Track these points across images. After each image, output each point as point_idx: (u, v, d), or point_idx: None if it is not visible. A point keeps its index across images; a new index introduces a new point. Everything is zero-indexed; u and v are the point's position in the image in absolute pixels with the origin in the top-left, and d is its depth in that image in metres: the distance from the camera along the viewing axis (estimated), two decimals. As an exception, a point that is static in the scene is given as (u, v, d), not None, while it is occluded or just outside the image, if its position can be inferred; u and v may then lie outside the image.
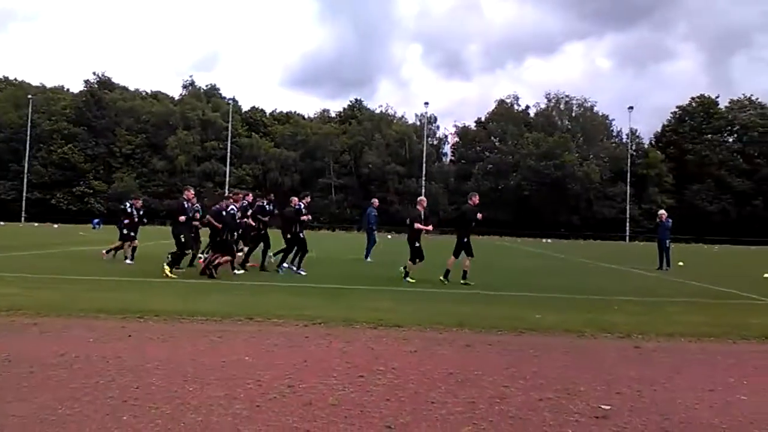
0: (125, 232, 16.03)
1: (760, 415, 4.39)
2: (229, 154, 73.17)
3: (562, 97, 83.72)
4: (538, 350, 6.42)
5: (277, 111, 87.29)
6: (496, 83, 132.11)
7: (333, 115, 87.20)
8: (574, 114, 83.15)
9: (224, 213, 12.91)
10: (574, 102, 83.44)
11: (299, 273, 13.83)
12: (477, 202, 13.43)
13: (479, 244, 18.99)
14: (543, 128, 78.42)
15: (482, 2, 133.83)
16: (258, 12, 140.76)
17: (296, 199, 14.89)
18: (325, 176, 77.77)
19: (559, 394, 4.73)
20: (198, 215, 14.29)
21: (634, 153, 74.44)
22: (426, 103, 78.97)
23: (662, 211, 20.88)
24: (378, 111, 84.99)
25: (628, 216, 67.30)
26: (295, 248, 14.28)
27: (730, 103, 78.67)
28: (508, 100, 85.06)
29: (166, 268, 12.43)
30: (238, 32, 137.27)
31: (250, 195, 15.73)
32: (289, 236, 14.19)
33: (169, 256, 12.78)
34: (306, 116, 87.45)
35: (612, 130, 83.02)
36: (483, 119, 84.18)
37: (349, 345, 6.41)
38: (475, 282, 12.79)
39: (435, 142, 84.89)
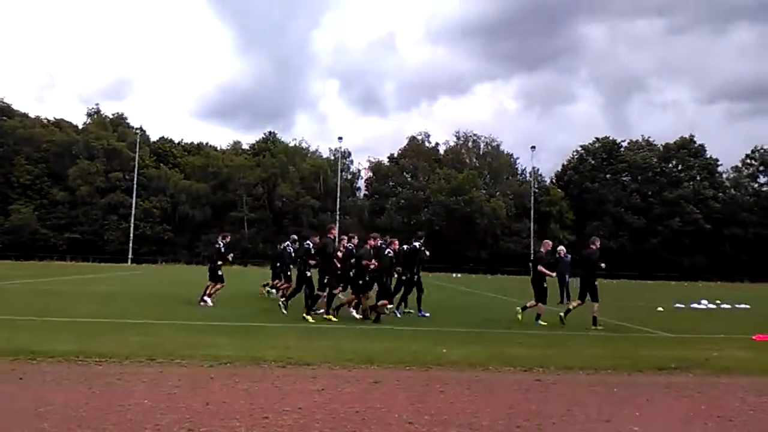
0: (220, 273, 15.43)
1: (649, 443, 4.64)
2: (135, 185, 70.44)
3: (471, 136, 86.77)
4: (444, 385, 6.51)
5: (188, 142, 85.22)
6: (411, 121, 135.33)
7: (246, 147, 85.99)
8: (481, 152, 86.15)
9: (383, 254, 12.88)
10: (481, 140, 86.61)
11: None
12: (599, 246, 13.37)
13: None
14: (452, 165, 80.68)
15: (398, 42, 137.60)
16: (172, 41, 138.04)
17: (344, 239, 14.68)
18: (237, 210, 76.24)
19: (462, 429, 4.82)
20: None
21: (537, 190, 77.75)
22: (340, 138, 79.52)
23: (561, 247, 21.85)
24: (292, 144, 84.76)
25: (532, 251, 69.84)
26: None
27: (629, 143, 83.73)
28: (420, 137, 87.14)
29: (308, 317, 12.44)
30: (150, 61, 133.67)
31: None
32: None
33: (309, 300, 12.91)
34: (218, 148, 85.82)
35: (517, 168, 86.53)
36: (396, 155, 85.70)
37: (256, 385, 6.27)
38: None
39: (349, 177, 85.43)
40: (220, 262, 15.56)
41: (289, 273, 17.04)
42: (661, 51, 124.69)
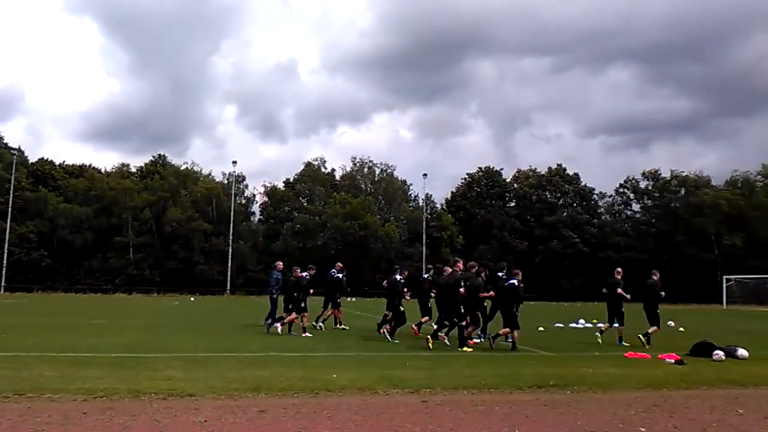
0: (303, 305, 15.70)
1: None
2: (10, 209, 65.32)
3: (367, 162, 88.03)
4: (332, 411, 6.47)
5: (71, 164, 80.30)
6: (310, 147, 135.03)
7: (134, 170, 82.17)
8: (376, 178, 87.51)
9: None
10: (377, 167, 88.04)
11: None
12: (659, 277, 15.50)
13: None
14: (348, 190, 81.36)
15: (299, 69, 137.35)
16: (59, 59, 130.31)
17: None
18: (122, 234, 72.48)
19: (347, 454, 4.80)
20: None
21: (429, 216, 79.89)
22: (234, 162, 77.64)
23: (447, 268, 22.42)
24: (183, 167, 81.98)
25: (424, 275, 71.31)
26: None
27: (517, 172, 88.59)
28: (316, 163, 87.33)
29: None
30: (34, 80, 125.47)
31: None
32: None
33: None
34: (103, 170, 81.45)
35: (410, 195, 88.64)
36: (292, 180, 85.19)
37: (133, 419, 5.95)
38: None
39: (243, 201, 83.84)
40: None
41: (338, 300, 18.62)
42: (545, 88, 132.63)
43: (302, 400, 7.08)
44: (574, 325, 22.48)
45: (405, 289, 15.53)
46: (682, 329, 15.86)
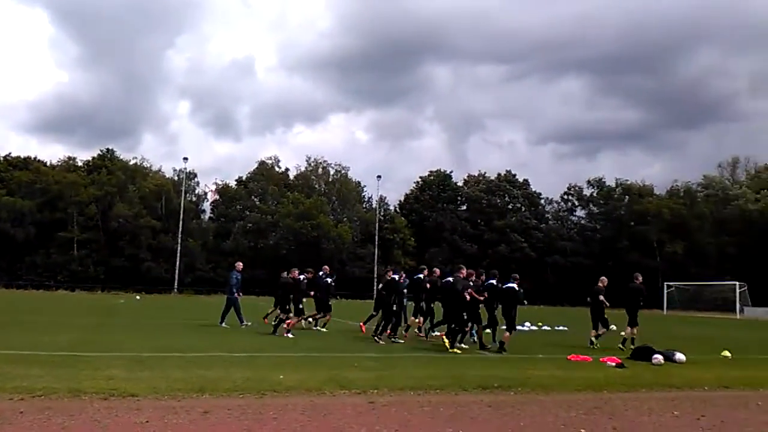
0: (300, 307, 15.95)
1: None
2: (-52, 202, 62.53)
3: (321, 162, 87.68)
4: (278, 412, 6.44)
5: (14, 155, 77.22)
6: (265, 146, 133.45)
7: (80, 163, 79.57)
8: (331, 179, 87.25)
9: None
10: (331, 167, 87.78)
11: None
12: (641, 280, 16.25)
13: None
14: (302, 190, 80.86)
15: (256, 67, 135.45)
16: (6, 48, 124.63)
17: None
18: (66, 229, 70.15)
19: (291, 455, 4.78)
20: None
21: (382, 218, 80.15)
22: (185, 159, 75.72)
23: (401, 273, 22.54)
24: (132, 162, 79.88)
25: (375, 275, 71.57)
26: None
27: (467, 177, 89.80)
28: (270, 162, 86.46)
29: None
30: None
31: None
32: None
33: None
34: (48, 163, 78.63)
35: (364, 196, 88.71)
36: (244, 178, 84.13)
37: (72, 419, 5.80)
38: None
39: (194, 199, 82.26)
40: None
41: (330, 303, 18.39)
42: (500, 95, 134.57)
43: (248, 401, 7.01)
44: (520, 327, 22.80)
45: (406, 290, 15.93)
46: (623, 333, 16.39)
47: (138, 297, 47.35)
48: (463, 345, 14.08)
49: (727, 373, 11.18)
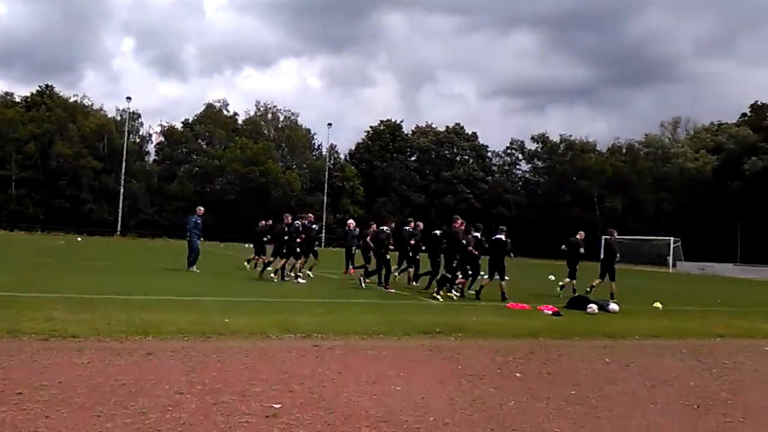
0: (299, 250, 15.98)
1: (410, 402, 5.06)
2: None
3: (271, 108, 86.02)
4: (222, 354, 6.48)
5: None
6: (213, 88, 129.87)
7: (18, 99, 75.61)
8: (280, 125, 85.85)
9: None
10: (281, 113, 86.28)
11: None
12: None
13: (184, 248, 18.47)
14: (250, 135, 79.37)
15: (205, 5, 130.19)
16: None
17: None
18: (4, 168, 67.23)
19: (235, 396, 4.86)
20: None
21: (332, 166, 79.74)
22: (129, 98, 72.85)
23: (351, 221, 22.68)
24: (73, 100, 76.43)
25: (324, 223, 71.63)
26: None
27: (416, 128, 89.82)
28: (218, 105, 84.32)
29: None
30: None
31: None
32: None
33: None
34: (-15, 100, 74.42)
35: (314, 144, 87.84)
36: (191, 121, 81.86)
37: (11, 359, 5.70)
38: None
39: (138, 140, 79.78)
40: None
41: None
42: (453, 46, 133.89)
43: (192, 344, 7.02)
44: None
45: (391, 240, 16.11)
46: (561, 283, 17.02)
47: (80, 239, 46.19)
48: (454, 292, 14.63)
49: (657, 323, 11.76)
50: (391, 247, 16.01)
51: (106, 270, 17.84)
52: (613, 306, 13.34)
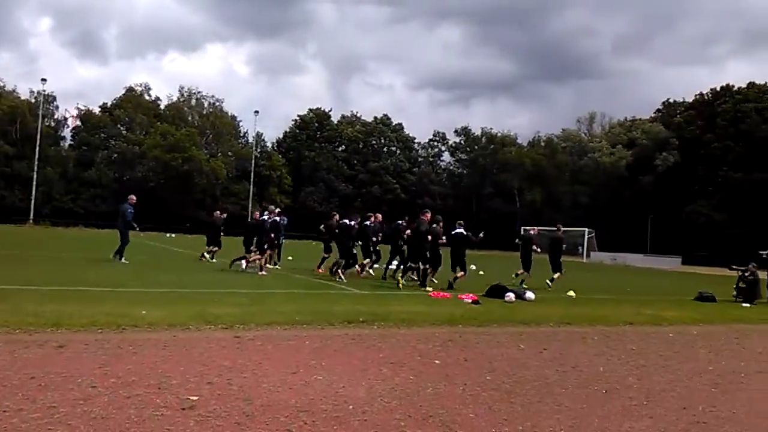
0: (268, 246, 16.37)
1: (331, 391, 5.10)
2: None
3: (195, 93, 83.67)
4: (138, 347, 6.32)
5: None
6: (135, 72, 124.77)
7: None
8: (204, 112, 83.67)
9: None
10: (206, 99, 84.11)
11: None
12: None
13: (101, 237, 17.74)
14: (173, 121, 76.97)
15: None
16: None
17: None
18: None
19: (150, 389, 4.76)
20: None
21: (259, 155, 78.48)
22: (44, 80, 69.26)
23: (277, 210, 22.45)
24: (-18, 83, 71.83)
25: (249, 212, 70.49)
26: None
27: (342, 118, 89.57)
28: (139, 89, 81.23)
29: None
30: None
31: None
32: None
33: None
34: None
35: (240, 131, 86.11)
36: (110, 105, 78.49)
37: None
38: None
39: (53, 124, 75.86)
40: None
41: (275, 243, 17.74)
42: (382, 37, 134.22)
43: (106, 336, 6.81)
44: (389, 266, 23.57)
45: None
46: (481, 273, 17.54)
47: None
48: (434, 280, 15.54)
49: (570, 310, 12.27)
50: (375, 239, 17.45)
51: (16, 259, 16.98)
52: (530, 294, 13.83)
